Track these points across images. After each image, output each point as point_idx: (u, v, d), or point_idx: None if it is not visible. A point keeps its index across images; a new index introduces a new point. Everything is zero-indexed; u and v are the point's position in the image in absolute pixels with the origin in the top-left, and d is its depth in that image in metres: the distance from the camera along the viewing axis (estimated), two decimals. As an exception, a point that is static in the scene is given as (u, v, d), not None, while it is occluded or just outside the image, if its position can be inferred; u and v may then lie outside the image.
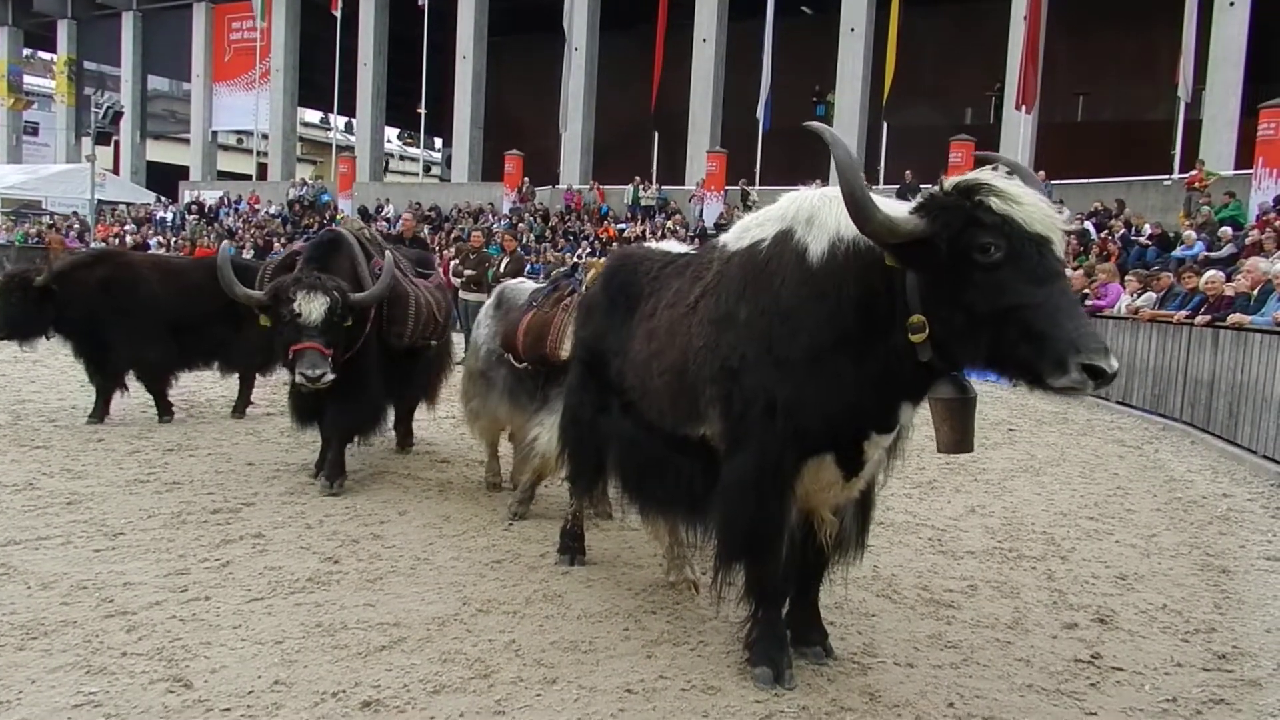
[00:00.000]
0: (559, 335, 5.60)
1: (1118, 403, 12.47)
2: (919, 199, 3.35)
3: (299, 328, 5.89)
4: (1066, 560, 5.70)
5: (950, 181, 3.29)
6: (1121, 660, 4.19)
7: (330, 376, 5.91)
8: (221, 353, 8.86)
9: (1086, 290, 14.02)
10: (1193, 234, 15.82)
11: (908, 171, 22.57)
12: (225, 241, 28.22)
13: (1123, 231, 17.63)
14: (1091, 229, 18.18)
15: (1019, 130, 23.39)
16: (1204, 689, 3.94)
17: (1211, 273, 11.79)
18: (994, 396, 13.45)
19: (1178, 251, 15.58)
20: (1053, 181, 21.41)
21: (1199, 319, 10.86)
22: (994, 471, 8.20)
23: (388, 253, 6.69)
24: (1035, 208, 3.13)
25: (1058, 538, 6.19)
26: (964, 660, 4.10)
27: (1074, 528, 6.48)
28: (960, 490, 7.44)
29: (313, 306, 5.89)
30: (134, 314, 8.26)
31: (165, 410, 8.67)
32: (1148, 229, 17.13)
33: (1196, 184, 18.16)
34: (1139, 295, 13.05)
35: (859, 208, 3.19)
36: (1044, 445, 9.66)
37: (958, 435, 3.26)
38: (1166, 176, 20.72)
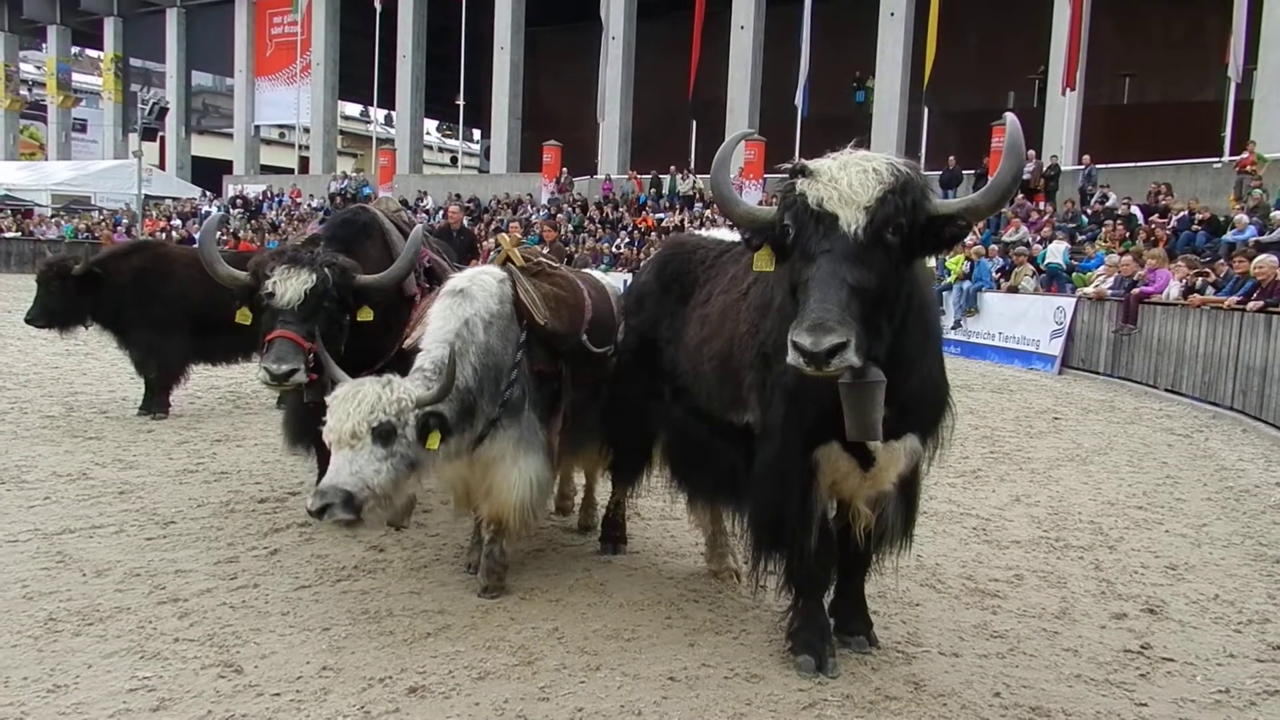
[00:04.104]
0: None
1: (1167, 390, 12.24)
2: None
3: (273, 312, 4.68)
4: (1115, 550, 5.61)
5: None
6: (1172, 651, 4.13)
7: (302, 376, 4.56)
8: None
9: (1137, 275, 13.79)
10: (1244, 218, 15.48)
11: (951, 157, 22.33)
12: (214, 212, 28.06)
13: (1170, 217, 17.27)
14: (1139, 213, 17.85)
15: (1063, 113, 22.99)
16: (1258, 680, 3.87)
17: (1263, 257, 11.53)
18: (1039, 385, 13.29)
19: (1228, 236, 15.25)
20: (1098, 165, 21.06)
21: (1251, 304, 10.64)
22: (1039, 460, 8.09)
23: (417, 227, 5.55)
24: (829, 186, 3.02)
25: (1105, 527, 6.10)
26: (1010, 650, 4.06)
27: (1122, 517, 6.38)
28: (1005, 479, 7.36)
29: (289, 285, 4.65)
30: (160, 305, 8.25)
31: (160, 407, 8.43)
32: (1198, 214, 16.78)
33: (1248, 166, 17.75)
34: (1186, 280, 12.81)
35: (721, 203, 3.53)
36: (1090, 434, 9.51)
37: (851, 420, 3.18)
38: (1216, 159, 20.25)
